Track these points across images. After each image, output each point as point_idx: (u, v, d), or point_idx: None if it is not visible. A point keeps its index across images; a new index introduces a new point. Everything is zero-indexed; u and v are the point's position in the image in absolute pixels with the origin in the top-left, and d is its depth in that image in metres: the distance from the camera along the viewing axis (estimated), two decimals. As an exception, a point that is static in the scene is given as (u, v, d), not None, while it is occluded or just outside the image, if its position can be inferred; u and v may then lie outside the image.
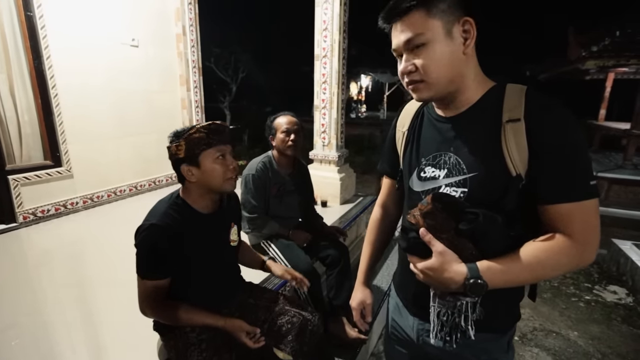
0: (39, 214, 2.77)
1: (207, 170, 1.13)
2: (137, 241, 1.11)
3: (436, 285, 0.75)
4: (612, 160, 7.12)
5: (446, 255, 0.72)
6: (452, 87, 0.78)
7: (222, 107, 10.95)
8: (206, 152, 1.12)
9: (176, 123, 3.92)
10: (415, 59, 0.75)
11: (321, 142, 3.39)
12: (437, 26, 0.73)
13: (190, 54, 3.90)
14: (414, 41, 0.74)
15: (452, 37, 0.74)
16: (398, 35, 0.76)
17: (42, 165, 2.80)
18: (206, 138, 1.12)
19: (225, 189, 1.19)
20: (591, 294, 3.30)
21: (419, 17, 0.73)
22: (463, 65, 0.77)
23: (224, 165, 1.15)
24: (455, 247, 0.73)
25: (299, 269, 1.89)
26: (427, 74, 0.75)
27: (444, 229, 0.74)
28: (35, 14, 2.62)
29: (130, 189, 3.44)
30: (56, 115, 2.82)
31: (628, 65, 6.40)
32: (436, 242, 0.72)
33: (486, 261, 0.72)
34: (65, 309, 1.71)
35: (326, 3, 3.05)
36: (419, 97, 0.81)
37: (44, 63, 2.70)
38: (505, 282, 0.72)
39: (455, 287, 0.72)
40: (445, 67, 0.75)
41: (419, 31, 0.73)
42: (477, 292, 0.70)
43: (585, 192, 0.71)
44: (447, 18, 0.73)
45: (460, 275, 0.71)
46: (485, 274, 0.71)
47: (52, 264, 2.17)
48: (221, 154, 1.14)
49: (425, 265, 0.73)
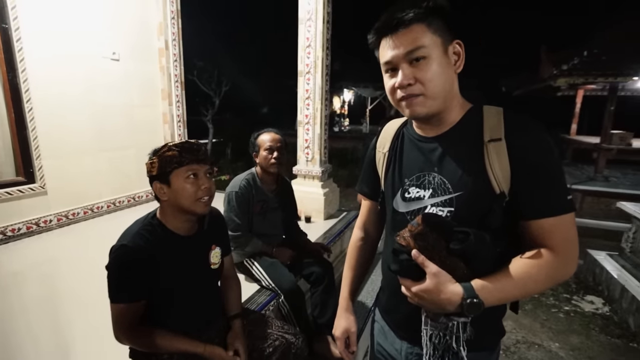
0: (8, 233, 2.63)
1: (177, 189, 1.10)
2: (107, 263, 1.07)
3: (431, 307, 0.75)
4: (584, 173, 7.42)
5: (440, 276, 0.72)
6: (445, 105, 0.80)
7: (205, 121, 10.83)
8: (177, 170, 1.10)
9: (157, 138, 3.85)
10: (415, 71, 0.75)
11: (305, 157, 3.39)
12: (437, 42, 0.75)
13: (173, 68, 3.87)
14: (414, 53, 0.74)
15: (448, 56, 0.77)
16: (397, 46, 0.75)
17: (13, 182, 2.67)
18: (178, 156, 1.09)
19: (196, 211, 1.14)
20: (570, 304, 3.38)
21: (421, 30, 0.74)
22: (454, 85, 0.80)
23: (195, 185, 1.11)
24: (448, 267, 0.73)
25: (282, 287, 1.87)
26: (427, 88, 0.76)
27: (436, 249, 0.74)
28: (10, 25, 2.54)
29: (108, 206, 3.33)
30: (30, 129, 2.71)
31: (595, 82, 6.77)
32: (430, 264, 0.72)
33: (480, 280, 0.73)
34: (37, 334, 1.62)
35: (309, 21, 3.10)
36: (413, 112, 0.79)
37: (19, 76, 2.62)
38: (500, 299, 0.74)
39: (451, 308, 0.72)
40: (442, 84, 0.76)
41: (421, 43, 0.73)
42: (474, 311, 0.70)
43: (564, 206, 0.74)
44: (444, 37, 0.75)
45: (457, 296, 0.71)
46: (481, 293, 0.71)
47: (23, 286, 2.06)
48: (193, 173, 1.11)
49: (420, 288, 0.73)
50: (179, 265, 1.15)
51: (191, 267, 1.20)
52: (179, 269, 1.16)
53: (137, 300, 1.09)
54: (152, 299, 1.12)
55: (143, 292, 1.09)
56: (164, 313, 1.15)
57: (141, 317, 1.11)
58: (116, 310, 1.08)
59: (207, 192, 1.14)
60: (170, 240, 1.15)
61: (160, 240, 1.12)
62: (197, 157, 1.12)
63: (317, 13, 3.05)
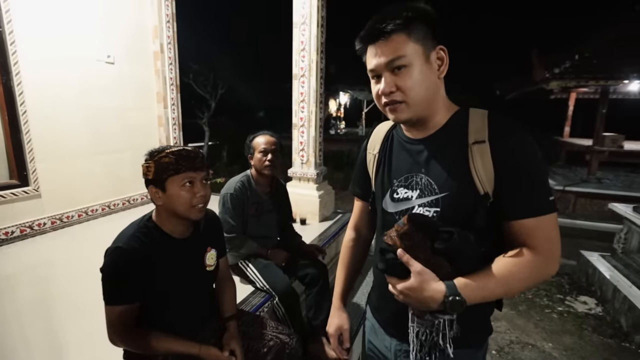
0: (1, 237, 2.61)
1: (172, 196, 1.10)
2: (102, 265, 1.07)
3: (416, 304, 0.76)
4: (577, 175, 7.50)
5: (424, 274, 0.74)
6: (428, 110, 0.82)
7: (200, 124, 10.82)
8: (173, 177, 1.10)
9: (152, 140, 3.85)
10: (397, 79, 0.78)
11: (300, 159, 3.41)
12: (418, 50, 0.77)
13: (168, 71, 3.87)
14: (395, 62, 0.77)
15: (430, 62, 0.79)
16: (379, 55, 0.78)
17: (6, 185, 2.66)
18: (175, 164, 1.09)
19: (191, 217, 1.15)
20: (563, 305, 3.41)
21: (401, 40, 0.76)
22: (437, 90, 0.82)
23: (191, 193, 1.11)
24: (432, 266, 0.75)
25: (277, 288, 1.87)
26: (408, 95, 0.78)
27: (421, 248, 0.76)
28: (4, 29, 2.54)
29: (102, 209, 3.32)
30: (24, 132, 2.71)
31: (587, 85, 6.86)
32: (414, 262, 0.74)
33: (463, 278, 0.75)
34: (30, 338, 1.61)
35: (304, 25, 3.12)
36: (396, 117, 0.83)
37: (13, 79, 2.61)
38: (482, 297, 0.75)
39: (435, 305, 0.74)
40: (424, 90, 0.79)
41: (401, 53, 0.76)
42: (457, 309, 0.72)
43: (546, 207, 0.76)
44: (426, 44, 0.77)
45: (440, 293, 0.73)
46: (463, 291, 0.73)
47: (16, 290, 2.04)
48: (189, 181, 1.11)
49: (405, 286, 0.75)
50: (174, 267, 1.16)
51: (187, 269, 1.20)
52: (175, 271, 1.16)
53: (131, 303, 1.09)
54: (148, 301, 1.12)
55: (137, 295, 1.09)
56: (159, 314, 1.16)
57: (136, 319, 1.11)
58: (110, 312, 1.08)
59: (202, 199, 1.14)
60: (165, 242, 1.15)
61: (155, 242, 1.12)
62: (194, 164, 1.12)
63: (312, 17, 3.08)
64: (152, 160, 1.10)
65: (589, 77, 6.15)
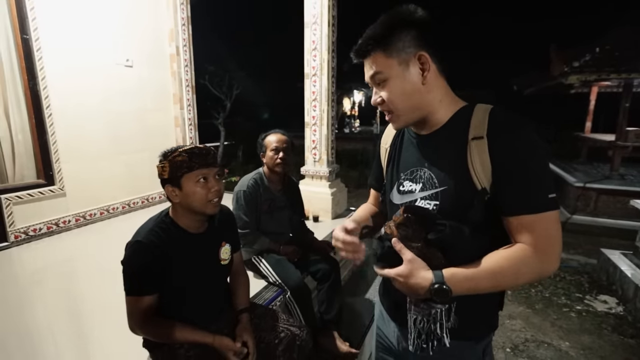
0: (30, 233, 2.76)
1: (188, 192, 1.15)
2: (123, 258, 1.14)
3: (406, 291, 0.79)
4: (599, 171, 7.26)
5: (414, 262, 0.76)
6: (419, 114, 0.87)
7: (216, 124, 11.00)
8: (188, 175, 1.15)
9: (169, 141, 3.97)
10: (381, 92, 0.86)
11: (312, 158, 3.45)
12: (394, 64, 0.82)
13: (184, 73, 3.98)
14: (376, 78, 0.85)
15: (409, 72, 0.82)
16: (367, 70, 0.88)
17: (34, 184, 2.81)
18: (188, 161, 1.14)
19: (207, 212, 1.20)
20: (582, 304, 3.33)
21: (378, 57, 0.83)
22: (424, 95, 0.84)
23: (206, 188, 1.16)
24: (425, 256, 0.78)
25: (288, 283, 1.92)
26: (392, 105, 0.86)
27: (415, 238, 0.78)
28: (31, 36, 2.68)
29: (122, 207, 3.45)
30: (50, 134, 2.85)
31: (609, 79, 6.62)
32: (406, 251, 0.77)
33: (451, 269, 0.77)
34: (57, 329, 1.70)
35: (315, 24, 3.16)
36: (393, 125, 0.93)
37: (39, 84, 2.75)
38: (469, 289, 0.76)
39: (422, 292, 0.76)
40: (406, 99, 0.84)
41: (379, 69, 0.83)
42: (442, 297, 0.74)
43: (544, 204, 0.76)
44: (403, 56, 0.81)
45: (427, 281, 0.75)
46: (450, 280, 0.75)
47: (44, 284, 2.16)
48: (203, 177, 1.16)
49: (396, 272, 0.77)
50: (190, 261, 1.21)
51: (202, 262, 1.26)
52: (190, 265, 1.22)
53: (149, 294, 1.15)
54: (165, 293, 1.18)
55: (155, 286, 1.15)
56: (176, 305, 1.22)
57: (155, 310, 1.17)
58: (130, 302, 1.14)
59: (216, 194, 1.19)
60: (181, 237, 1.21)
61: (172, 237, 1.18)
62: (206, 161, 1.17)
63: (323, 17, 3.11)
64: (166, 160, 1.16)
65: (611, 70, 5.92)
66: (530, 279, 0.79)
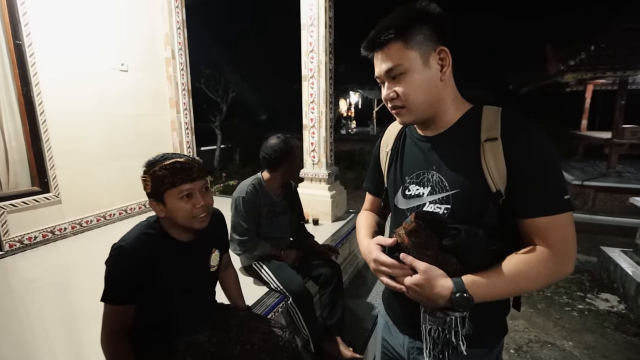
0: (25, 242, 2.71)
1: (172, 208, 1.09)
2: (106, 260, 1.08)
3: (424, 301, 0.77)
4: (596, 169, 7.30)
5: (430, 271, 0.74)
6: (432, 111, 0.83)
7: (212, 127, 10.97)
8: (170, 191, 1.07)
9: (166, 145, 3.93)
10: (395, 86, 0.81)
11: (311, 160, 3.42)
12: (415, 57, 0.77)
13: (180, 77, 3.95)
14: (393, 71, 0.79)
15: (429, 66, 0.79)
16: (379, 64, 0.82)
17: (29, 192, 2.76)
18: (170, 177, 1.06)
19: (193, 227, 1.13)
20: (584, 302, 3.33)
21: (397, 49, 0.78)
22: (441, 91, 0.82)
23: (190, 204, 1.09)
24: (440, 263, 0.75)
25: (290, 289, 1.89)
26: (407, 100, 0.81)
27: (428, 245, 0.76)
28: (24, 42, 2.64)
29: (120, 213, 3.41)
30: (44, 141, 2.80)
31: (604, 77, 6.66)
32: (418, 263, 0.75)
33: (471, 275, 0.75)
34: (53, 339, 1.66)
35: (312, 26, 3.14)
36: (402, 121, 0.87)
37: (33, 90, 2.71)
38: (491, 295, 0.75)
39: (442, 301, 0.74)
40: (423, 94, 0.80)
41: (398, 62, 0.78)
42: (464, 306, 0.72)
43: (560, 206, 0.74)
44: (423, 49, 0.78)
45: (447, 290, 0.73)
46: (471, 288, 0.73)
47: (39, 293, 2.11)
48: (187, 193, 1.08)
49: (412, 282, 0.75)
50: (178, 269, 1.16)
51: (191, 271, 1.20)
52: (179, 273, 1.16)
53: (123, 304, 1.08)
54: (152, 301, 1.11)
55: (133, 297, 1.08)
56: (163, 314, 1.16)
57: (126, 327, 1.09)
58: (105, 311, 1.08)
59: (203, 209, 1.11)
60: (170, 245, 1.15)
61: (159, 244, 1.12)
62: (189, 176, 1.08)
63: (319, 18, 3.09)
64: (147, 174, 1.09)
65: (606, 68, 5.97)
66: (549, 282, 0.78)
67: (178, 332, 1.18)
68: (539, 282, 0.77)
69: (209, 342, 1.23)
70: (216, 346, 1.24)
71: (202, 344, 1.21)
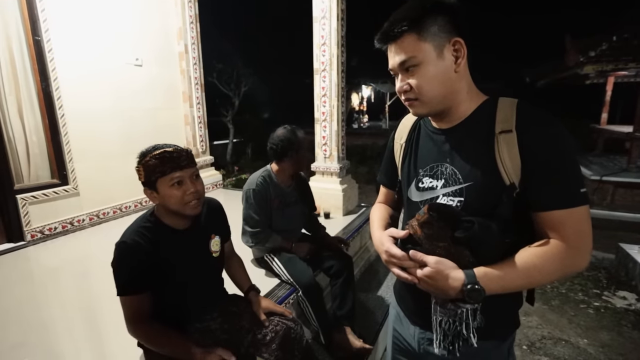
0: (46, 232, 2.81)
1: (164, 195, 1.15)
2: (112, 259, 1.15)
3: (436, 292, 0.77)
4: (616, 164, 7.08)
5: (442, 263, 0.74)
6: (446, 103, 0.82)
7: (225, 121, 11.05)
8: (161, 179, 1.14)
9: (179, 138, 3.99)
10: (409, 78, 0.80)
11: (322, 154, 3.42)
12: (428, 48, 0.77)
13: (193, 71, 3.99)
14: (407, 63, 0.79)
15: (444, 58, 0.78)
16: (393, 56, 0.81)
17: (49, 184, 2.85)
18: (160, 166, 1.13)
19: (185, 213, 1.18)
20: (600, 300, 3.26)
21: (411, 41, 0.77)
22: (455, 83, 0.81)
23: (181, 191, 1.15)
24: (452, 255, 0.75)
25: (300, 282, 1.91)
26: (421, 92, 0.80)
27: (441, 237, 0.76)
28: (42, 37, 2.71)
29: (135, 205, 3.49)
30: (63, 135, 2.88)
31: (627, 68, 6.44)
32: (428, 258, 0.75)
33: (483, 267, 0.75)
34: (73, 326, 1.73)
35: (324, 19, 3.12)
36: (415, 112, 0.86)
37: (52, 85, 2.78)
38: (502, 287, 0.74)
39: (453, 293, 0.74)
40: (437, 86, 0.79)
41: (411, 54, 0.77)
42: (475, 298, 0.72)
43: (576, 199, 0.73)
44: (437, 40, 0.77)
45: (458, 282, 0.73)
46: (482, 280, 0.73)
47: (60, 282, 2.20)
48: (177, 180, 1.15)
49: (424, 273, 0.75)
50: (180, 256, 1.22)
51: (192, 257, 1.25)
52: (181, 260, 1.22)
53: (137, 293, 1.14)
54: (159, 289, 1.18)
55: (144, 285, 1.15)
56: (171, 301, 1.22)
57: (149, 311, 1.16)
58: (122, 303, 1.15)
59: (194, 195, 1.17)
60: (167, 234, 1.21)
61: (157, 235, 1.18)
62: (179, 164, 1.15)
63: (331, 11, 3.07)
64: (140, 164, 1.15)
65: (628, 59, 5.77)
66: (563, 275, 0.77)
67: (188, 315, 1.23)
68: (552, 275, 0.76)
69: (220, 329, 1.26)
70: (228, 333, 1.27)
71: (214, 331, 1.24)
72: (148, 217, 1.22)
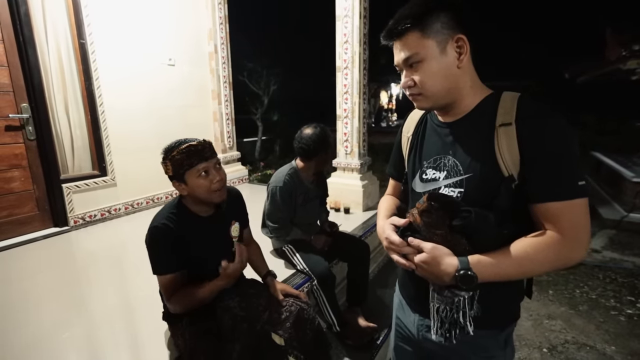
0: (87, 219, 3.06)
1: (193, 186, 1.25)
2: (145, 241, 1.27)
3: (431, 278, 0.80)
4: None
5: (437, 249, 0.78)
6: (449, 98, 0.85)
7: (254, 119, 11.32)
8: (189, 171, 1.24)
9: (208, 135, 4.18)
10: (413, 74, 0.84)
11: (344, 150, 3.47)
12: (432, 45, 0.80)
13: (222, 70, 4.16)
14: (410, 59, 0.82)
15: (446, 54, 0.81)
16: (398, 53, 0.85)
17: (90, 175, 3.10)
18: (187, 159, 1.22)
19: (213, 200, 1.29)
20: (634, 307, 3.09)
21: (415, 38, 0.80)
22: (458, 78, 0.84)
23: (208, 180, 1.25)
24: (449, 243, 0.78)
25: (316, 271, 1.99)
26: (424, 87, 0.83)
27: (439, 225, 0.79)
28: (87, 40, 2.94)
29: (166, 197, 3.71)
30: (103, 130, 3.13)
31: (678, 63, 5.96)
32: (424, 244, 0.79)
33: (477, 255, 0.77)
34: (110, 305, 1.88)
35: (346, 17, 3.16)
36: (419, 107, 0.90)
37: (94, 84, 3.02)
38: (495, 275, 0.76)
39: (447, 279, 0.77)
40: (440, 81, 0.82)
41: (415, 51, 0.81)
42: (467, 284, 0.75)
43: (573, 191, 0.74)
44: (440, 37, 0.80)
45: (452, 267, 0.76)
46: (475, 267, 0.75)
47: (99, 264, 2.40)
48: (204, 170, 1.25)
49: (420, 259, 0.79)
50: (203, 240, 1.33)
51: (214, 240, 1.36)
52: (204, 243, 1.33)
53: (174, 271, 1.26)
54: (188, 268, 1.30)
55: (177, 264, 1.27)
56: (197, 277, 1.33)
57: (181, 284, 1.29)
58: (160, 281, 1.28)
59: (219, 184, 1.27)
60: (193, 220, 1.33)
61: (184, 220, 1.30)
62: (203, 156, 1.25)
63: (354, 9, 3.10)
64: (167, 160, 1.25)
65: (679, 52, 5.36)
66: (556, 267, 0.77)
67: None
68: (545, 266, 0.77)
69: (238, 306, 1.36)
70: (245, 310, 1.37)
71: (232, 308, 1.34)
72: (176, 204, 1.34)
